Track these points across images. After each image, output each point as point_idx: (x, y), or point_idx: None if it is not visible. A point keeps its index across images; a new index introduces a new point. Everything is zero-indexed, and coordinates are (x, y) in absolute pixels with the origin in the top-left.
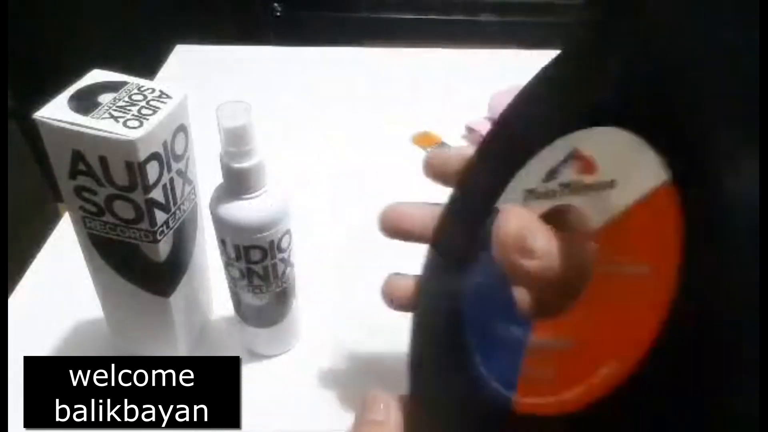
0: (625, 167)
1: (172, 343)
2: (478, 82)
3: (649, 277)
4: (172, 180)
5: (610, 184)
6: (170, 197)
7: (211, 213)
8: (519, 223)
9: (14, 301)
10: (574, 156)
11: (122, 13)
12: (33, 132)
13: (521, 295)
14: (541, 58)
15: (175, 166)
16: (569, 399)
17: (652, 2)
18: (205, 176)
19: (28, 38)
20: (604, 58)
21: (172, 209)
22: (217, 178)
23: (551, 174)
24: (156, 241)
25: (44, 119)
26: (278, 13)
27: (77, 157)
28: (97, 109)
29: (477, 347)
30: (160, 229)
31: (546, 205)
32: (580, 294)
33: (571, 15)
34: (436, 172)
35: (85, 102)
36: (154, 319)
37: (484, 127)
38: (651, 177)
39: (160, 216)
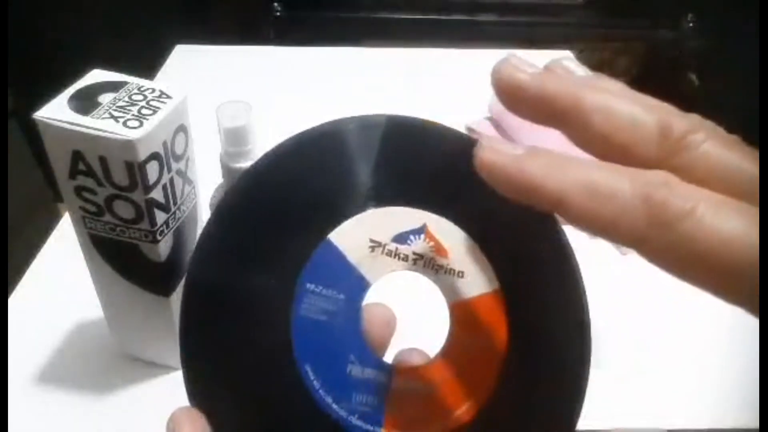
0: (469, 265)
1: (172, 342)
2: (478, 82)
3: (488, 348)
4: (172, 180)
5: (460, 274)
6: (170, 197)
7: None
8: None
9: (14, 301)
10: (423, 232)
11: (122, 13)
12: (33, 132)
13: (377, 344)
14: (541, 58)
15: (175, 166)
16: (436, 429)
17: None
18: (205, 176)
19: (28, 38)
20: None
21: (172, 209)
22: (217, 178)
23: (400, 238)
24: (156, 241)
25: (44, 119)
26: (278, 13)
27: (77, 157)
28: (97, 109)
29: (325, 389)
30: (160, 229)
31: (394, 265)
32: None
33: (571, 15)
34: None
35: (85, 102)
36: (154, 318)
37: (485, 127)
38: (488, 283)
39: (160, 216)
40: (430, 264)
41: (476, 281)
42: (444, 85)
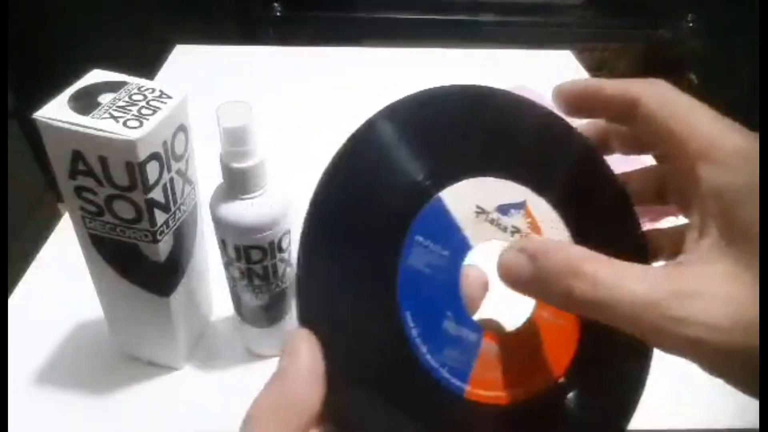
0: None
1: (172, 342)
2: (478, 82)
3: (566, 327)
4: (172, 180)
5: None
6: (170, 197)
7: (211, 213)
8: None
9: (14, 301)
10: (524, 208)
11: (122, 13)
12: (33, 132)
13: (473, 306)
14: (541, 58)
15: (175, 166)
16: (512, 394)
17: None
18: (205, 176)
19: (28, 38)
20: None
21: (172, 209)
22: (217, 178)
23: (503, 209)
24: (156, 241)
25: (44, 119)
26: (278, 13)
27: (77, 157)
28: (97, 109)
29: (422, 338)
30: (160, 229)
31: (494, 233)
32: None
33: (571, 15)
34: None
35: (85, 102)
36: (154, 318)
37: None
38: None
39: (160, 216)
40: (526, 238)
41: None
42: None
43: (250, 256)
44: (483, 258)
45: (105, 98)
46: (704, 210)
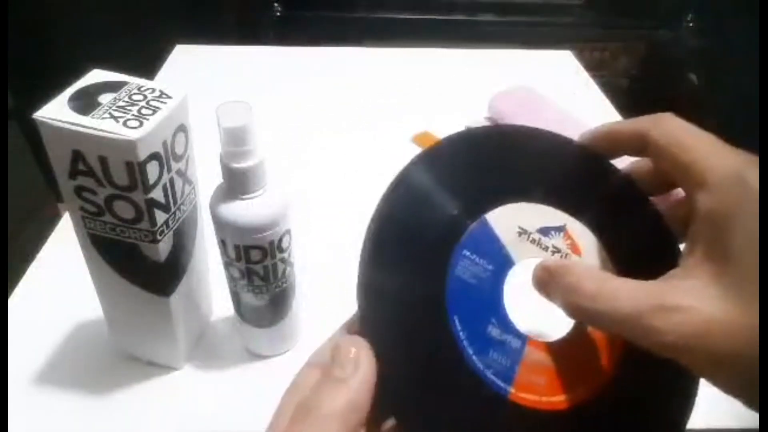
0: (597, 265)
1: (172, 342)
2: (478, 82)
3: (608, 338)
4: (172, 180)
5: None
6: (170, 197)
7: (211, 213)
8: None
9: (14, 301)
10: (564, 230)
11: (122, 13)
12: (33, 132)
13: (517, 315)
14: (541, 58)
15: (175, 166)
16: (555, 401)
17: None
18: (205, 176)
19: (27, 38)
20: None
21: (172, 209)
22: (217, 178)
23: (544, 231)
24: (156, 241)
25: (44, 119)
26: (278, 13)
27: (77, 157)
28: (97, 109)
29: (468, 340)
30: (160, 229)
31: (536, 252)
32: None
33: (571, 15)
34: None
35: (85, 102)
36: (154, 319)
37: None
38: None
39: (160, 216)
40: (565, 257)
41: None
42: (444, 85)
43: (250, 256)
44: (526, 273)
45: (105, 98)
46: (695, 233)
